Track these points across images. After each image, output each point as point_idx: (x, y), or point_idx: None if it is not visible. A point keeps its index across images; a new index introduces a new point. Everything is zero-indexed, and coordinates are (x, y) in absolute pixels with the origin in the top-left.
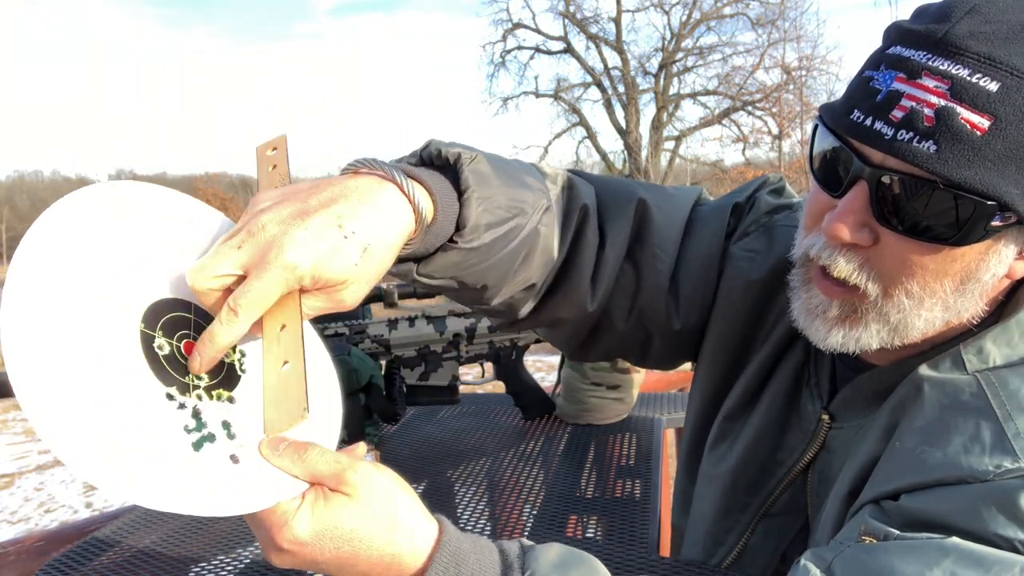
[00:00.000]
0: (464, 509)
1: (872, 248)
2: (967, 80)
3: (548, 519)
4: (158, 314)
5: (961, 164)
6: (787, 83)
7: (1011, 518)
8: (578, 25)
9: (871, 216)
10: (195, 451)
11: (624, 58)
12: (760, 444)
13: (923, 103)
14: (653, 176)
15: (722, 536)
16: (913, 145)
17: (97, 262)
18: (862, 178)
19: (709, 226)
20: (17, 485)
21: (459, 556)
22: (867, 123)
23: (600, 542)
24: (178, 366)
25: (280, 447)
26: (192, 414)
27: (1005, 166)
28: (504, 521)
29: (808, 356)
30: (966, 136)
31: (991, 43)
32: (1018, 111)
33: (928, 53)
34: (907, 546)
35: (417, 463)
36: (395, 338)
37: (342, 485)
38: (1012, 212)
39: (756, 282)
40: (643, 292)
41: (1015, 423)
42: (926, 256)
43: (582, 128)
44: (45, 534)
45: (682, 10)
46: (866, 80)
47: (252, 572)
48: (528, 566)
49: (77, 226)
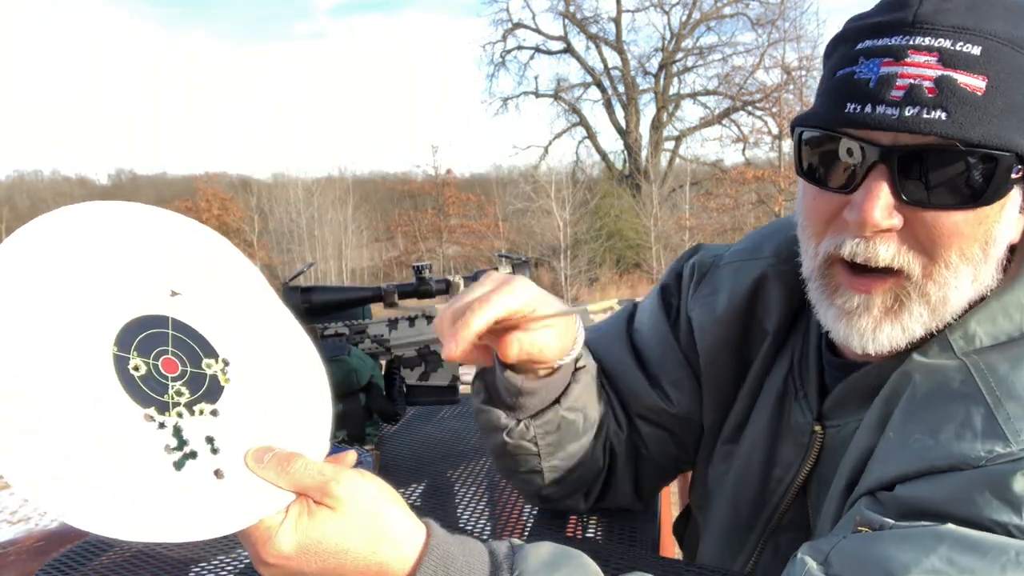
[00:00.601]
0: (464, 509)
1: (903, 230)
2: (952, 49)
3: (548, 519)
4: (133, 333)
5: (973, 124)
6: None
7: (1005, 503)
8: (578, 25)
9: (895, 198)
10: (177, 471)
11: (624, 58)
12: (754, 460)
13: (920, 77)
14: (653, 176)
15: (733, 556)
16: (923, 117)
17: (60, 292)
18: (879, 163)
19: (649, 317)
20: None
21: (447, 559)
22: (867, 110)
23: (600, 542)
24: (156, 385)
25: (265, 458)
26: (173, 432)
27: (1009, 119)
28: (504, 521)
29: (792, 367)
30: (969, 98)
31: (957, 15)
32: (1005, 69)
33: (904, 36)
34: (902, 535)
35: (417, 463)
36: (395, 338)
37: (326, 498)
38: (1022, 164)
39: (721, 316)
40: (631, 406)
41: (1005, 408)
42: (959, 222)
43: (582, 128)
44: (45, 534)
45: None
46: (847, 76)
47: (252, 572)
48: (517, 566)
49: (39, 256)
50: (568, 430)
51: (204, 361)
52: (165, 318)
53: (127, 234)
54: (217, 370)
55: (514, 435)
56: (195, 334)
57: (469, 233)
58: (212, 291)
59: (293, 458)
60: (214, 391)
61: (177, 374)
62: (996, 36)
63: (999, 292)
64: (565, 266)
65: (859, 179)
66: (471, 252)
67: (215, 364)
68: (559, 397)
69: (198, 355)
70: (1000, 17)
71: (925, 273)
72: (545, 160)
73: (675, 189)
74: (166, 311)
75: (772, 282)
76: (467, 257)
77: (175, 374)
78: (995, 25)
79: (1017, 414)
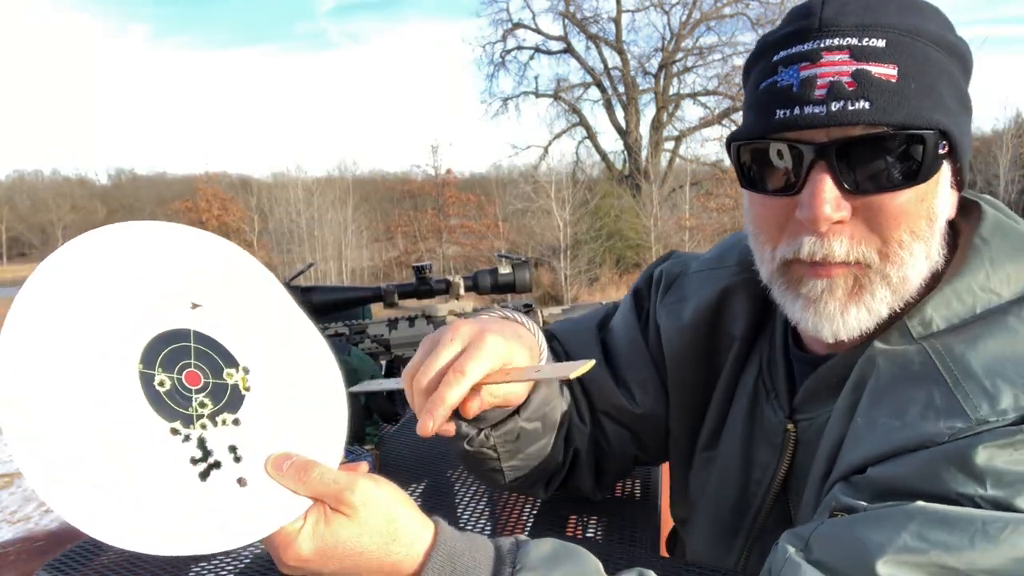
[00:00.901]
0: (464, 509)
1: (853, 220)
2: (860, 44)
3: (548, 519)
4: (156, 350)
5: (895, 108)
6: None
7: (969, 475)
8: (578, 25)
9: (840, 191)
10: (203, 482)
11: (624, 58)
12: (733, 465)
13: (838, 74)
14: (653, 176)
15: (721, 563)
16: (849, 109)
17: (89, 317)
18: (817, 160)
19: (621, 317)
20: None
21: (454, 555)
22: (796, 112)
23: (600, 542)
24: (181, 398)
25: (284, 466)
26: (198, 444)
27: (924, 101)
28: (504, 521)
29: (762, 370)
30: (886, 86)
31: (857, 15)
32: (909, 57)
33: (815, 40)
34: (875, 516)
35: (417, 463)
36: (395, 338)
37: (342, 505)
38: (946, 140)
39: (689, 323)
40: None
41: (963, 386)
42: (903, 203)
43: (582, 128)
44: (45, 534)
45: (682, 10)
46: (770, 87)
47: (252, 572)
48: (519, 560)
49: (66, 284)
50: (528, 437)
51: (225, 371)
52: (187, 331)
53: (146, 254)
54: (238, 379)
55: (474, 443)
56: (216, 345)
57: (469, 233)
58: (230, 300)
59: (311, 467)
60: (235, 400)
61: (200, 386)
62: (896, 28)
63: (951, 278)
64: (565, 266)
65: (802, 179)
66: (471, 252)
67: (236, 373)
68: (519, 408)
69: (220, 366)
70: (895, 12)
71: (882, 257)
72: (545, 160)
73: (675, 189)
74: (188, 324)
75: (737, 291)
76: (467, 257)
77: (198, 386)
78: (892, 19)
79: (974, 391)
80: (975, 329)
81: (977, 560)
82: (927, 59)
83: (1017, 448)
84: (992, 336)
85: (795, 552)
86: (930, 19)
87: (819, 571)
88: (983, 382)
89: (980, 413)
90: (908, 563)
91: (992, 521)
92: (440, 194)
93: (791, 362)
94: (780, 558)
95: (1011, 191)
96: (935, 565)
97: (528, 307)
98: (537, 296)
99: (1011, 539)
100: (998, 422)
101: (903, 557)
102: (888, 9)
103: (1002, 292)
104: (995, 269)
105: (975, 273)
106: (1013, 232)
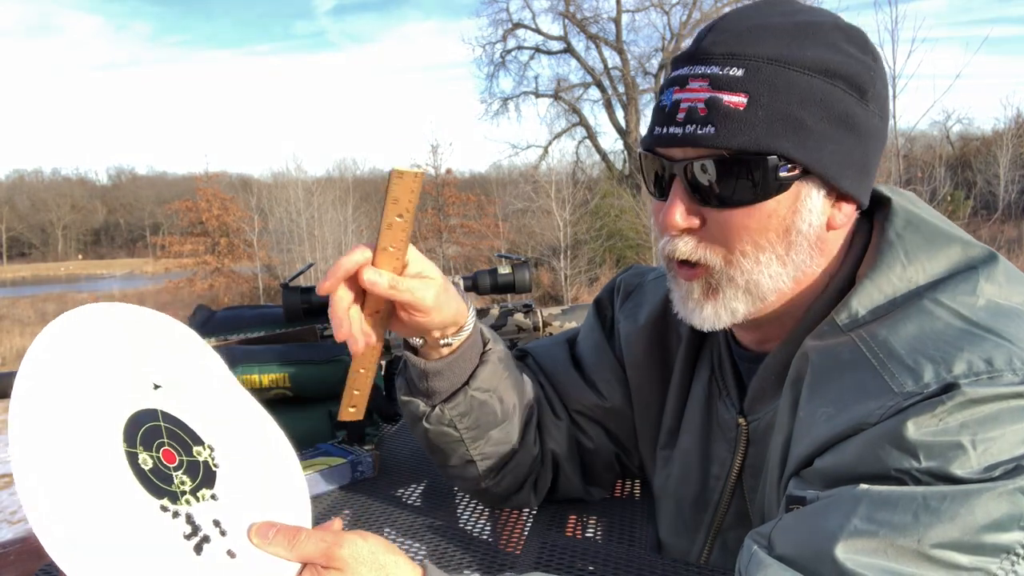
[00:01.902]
0: (464, 509)
1: (703, 229)
2: (719, 74)
3: (547, 519)
4: (135, 428)
5: (736, 134)
6: None
7: (903, 451)
8: (578, 25)
9: (693, 202)
10: (198, 555)
11: (624, 58)
12: (692, 463)
13: (695, 100)
14: None
15: (684, 556)
16: (698, 132)
17: (74, 403)
18: (675, 174)
19: (586, 326)
20: None
21: None
22: (664, 131)
23: (600, 542)
24: (163, 476)
25: (270, 534)
26: (186, 520)
27: (772, 127)
28: (503, 521)
29: (714, 370)
30: (732, 113)
31: (727, 44)
32: (764, 84)
33: (690, 65)
34: (824, 504)
35: (417, 463)
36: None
37: (332, 561)
38: (794, 163)
39: (644, 325)
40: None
41: (889, 366)
42: (744, 218)
43: (582, 128)
44: None
45: (682, 10)
46: (657, 104)
47: None
48: None
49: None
50: (484, 412)
51: (194, 449)
52: (156, 411)
53: (108, 338)
54: (207, 456)
55: (432, 420)
56: (182, 424)
57: (469, 233)
58: (185, 380)
59: (297, 532)
60: (209, 476)
61: (176, 464)
62: (759, 58)
63: (870, 274)
64: (565, 266)
65: (666, 189)
66: (471, 252)
67: (204, 451)
68: (468, 379)
69: (188, 444)
70: (768, 41)
71: (726, 263)
72: (545, 160)
73: None
74: (154, 404)
75: None
76: (467, 257)
77: (175, 464)
78: (760, 49)
79: (899, 369)
80: (895, 315)
81: (924, 536)
82: (788, 86)
83: (941, 418)
84: (910, 319)
85: (759, 549)
86: (816, 45)
87: (783, 564)
88: (906, 360)
89: (906, 388)
90: (864, 545)
91: (931, 495)
92: (440, 194)
93: (736, 360)
94: (746, 556)
95: (1011, 191)
96: (888, 544)
97: (528, 307)
98: (537, 296)
99: (951, 510)
100: (922, 394)
101: (857, 541)
102: (762, 37)
103: (918, 280)
104: (910, 261)
105: (892, 267)
106: (923, 224)
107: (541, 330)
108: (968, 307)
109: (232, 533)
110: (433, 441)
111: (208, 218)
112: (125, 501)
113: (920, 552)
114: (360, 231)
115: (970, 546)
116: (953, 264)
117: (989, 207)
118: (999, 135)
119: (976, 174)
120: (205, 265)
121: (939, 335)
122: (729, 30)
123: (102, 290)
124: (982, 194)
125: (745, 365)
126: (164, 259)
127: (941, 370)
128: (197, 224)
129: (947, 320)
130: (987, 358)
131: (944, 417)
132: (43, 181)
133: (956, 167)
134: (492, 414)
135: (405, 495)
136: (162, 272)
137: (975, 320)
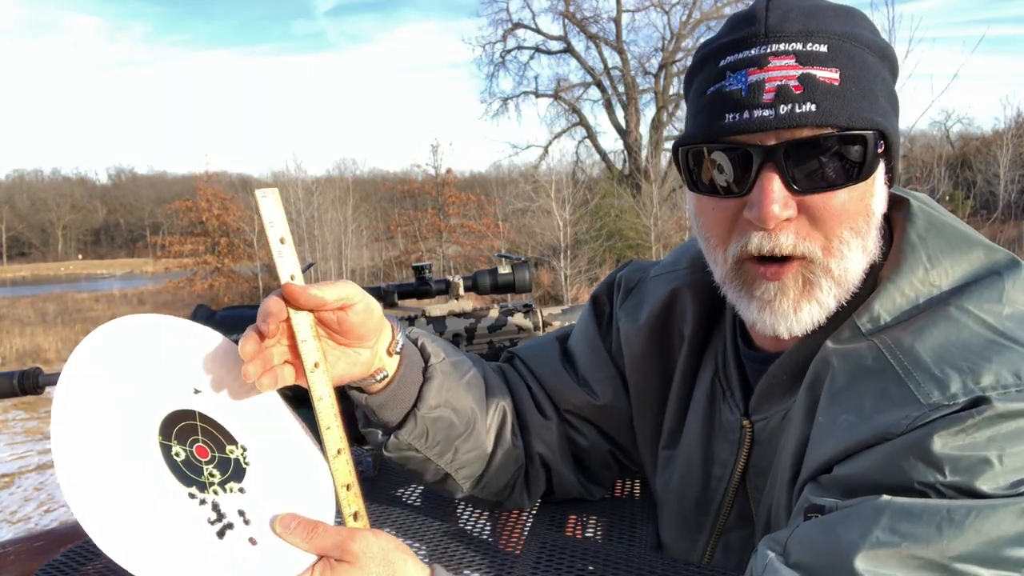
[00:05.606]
0: (464, 509)
1: (799, 218)
2: (804, 50)
3: (547, 520)
4: (170, 425)
5: (839, 111)
6: None
7: (928, 464)
8: (578, 25)
9: (788, 190)
10: (220, 539)
11: (624, 58)
12: (694, 463)
13: (785, 78)
14: (653, 176)
15: (687, 557)
16: (797, 111)
17: (118, 397)
18: (767, 161)
19: (581, 323)
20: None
21: None
22: (745, 116)
23: (600, 542)
24: (194, 467)
25: (291, 526)
26: (212, 507)
27: (864, 103)
28: (504, 521)
29: (717, 370)
30: (830, 89)
31: (799, 21)
32: (850, 61)
33: (761, 46)
34: (845, 514)
35: None
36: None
37: (345, 555)
38: (884, 139)
39: (644, 323)
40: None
41: (914, 375)
42: (845, 200)
43: (582, 128)
44: (45, 534)
45: (682, 10)
46: (718, 92)
47: None
48: None
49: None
50: (440, 427)
51: (228, 447)
52: (193, 412)
53: (157, 347)
54: (239, 454)
55: (391, 448)
56: (217, 425)
57: (469, 233)
58: (224, 388)
59: (316, 525)
60: (239, 472)
61: (208, 459)
62: (836, 34)
63: (893, 276)
64: (565, 266)
65: (751, 180)
66: (471, 252)
67: (236, 449)
68: (416, 402)
69: (222, 442)
70: (834, 20)
71: (825, 252)
72: (545, 160)
73: (675, 189)
74: (193, 406)
75: (685, 291)
76: (467, 257)
77: (207, 459)
78: (832, 26)
79: (924, 379)
80: (920, 320)
81: (947, 548)
82: (864, 63)
83: (969, 432)
84: (936, 326)
85: (775, 557)
86: (863, 26)
87: (799, 573)
88: (932, 370)
89: (932, 399)
90: (884, 557)
91: (956, 509)
92: (440, 194)
93: (742, 361)
94: (760, 563)
95: (1011, 191)
96: (909, 556)
97: (528, 307)
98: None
99: (976, 524)
100: (949, 407)
101: (878, 552)
102: (827, 16)
103: (941, 284)
104: (933, 265)
105: (915, 270)
106: (945, 228)
107: (541, 330)
108: (995, 316)
109: (256, 523)
110: (402, 465)
111: (208, 218)
112: (154, 485)
113: (942, 565)
114: (360, 231)
115: (993, 560)
116: (976, 269)
117: (989, 207)
118: (999, 135)
119: (976, 174)
120: (205, 265)
121: (965, 344)
122: (794, 8)
123: (102, 290)
124: (982, 194)
125: (752, 366)
126: (164, 259)
127: (969, 381)
128: (197, 224)
129: (973, 329)
130: (1015, 371)
131: (972, 432)
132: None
133: (956, 167)
134: (450, 427)
135: (405, 495)
136: (162, 272)
137: (1002, 330)
